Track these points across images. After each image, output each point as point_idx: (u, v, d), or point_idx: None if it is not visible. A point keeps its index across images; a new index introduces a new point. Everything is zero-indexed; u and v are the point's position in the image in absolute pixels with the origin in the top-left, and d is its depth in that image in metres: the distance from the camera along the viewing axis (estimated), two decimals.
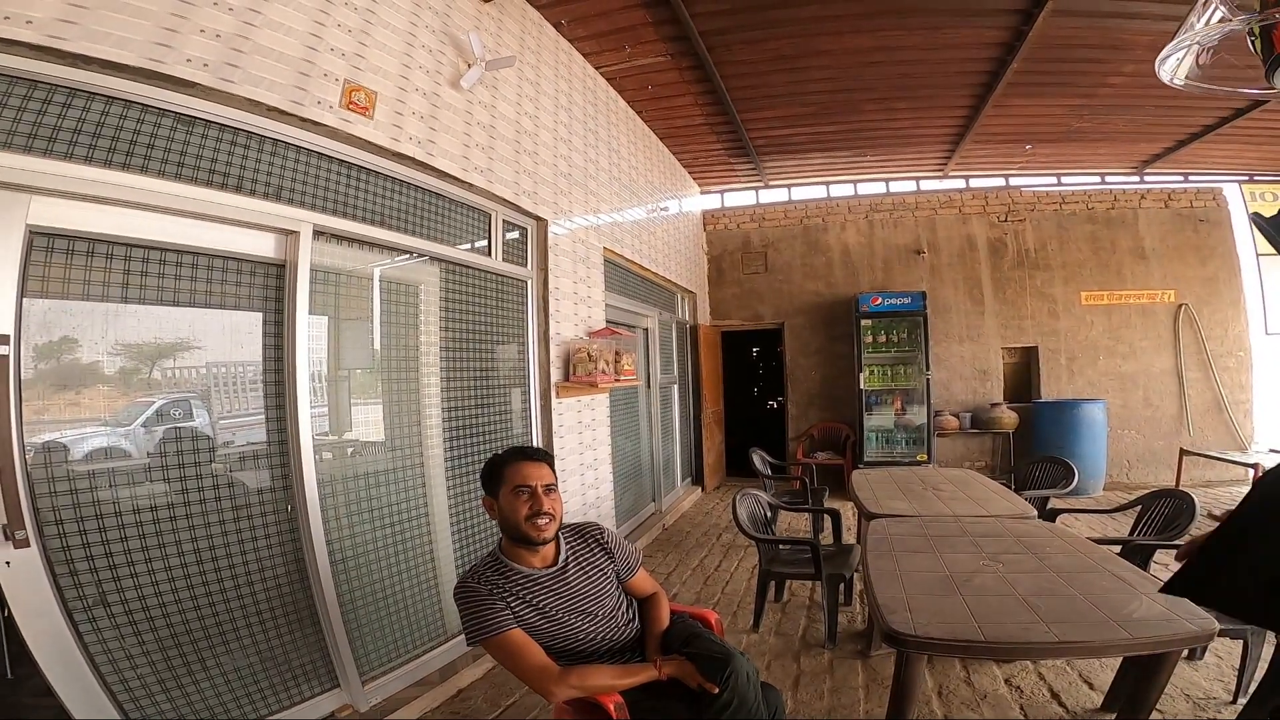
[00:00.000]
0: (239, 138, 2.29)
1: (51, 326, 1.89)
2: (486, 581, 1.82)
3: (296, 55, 2.36)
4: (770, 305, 8.37)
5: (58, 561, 1.85)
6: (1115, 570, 2.16)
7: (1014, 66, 4.91)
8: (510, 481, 1.86)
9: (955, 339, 7.71)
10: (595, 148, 4.99)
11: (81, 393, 1.99)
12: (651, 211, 6.34)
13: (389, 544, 2.90)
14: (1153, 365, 7.26)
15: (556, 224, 4.22)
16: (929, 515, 3.15)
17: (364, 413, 2.97)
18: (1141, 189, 7.54)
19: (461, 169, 3.24)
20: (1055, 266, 7.54)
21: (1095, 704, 2.59)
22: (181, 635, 2.12)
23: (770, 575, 3.55)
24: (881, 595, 2.04)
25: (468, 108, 3.33)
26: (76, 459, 1.95)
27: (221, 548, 2.24)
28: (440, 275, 3.27)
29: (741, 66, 5.11)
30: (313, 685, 2.52)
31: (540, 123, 4.10)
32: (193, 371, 2.29)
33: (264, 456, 2.43)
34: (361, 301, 2.90)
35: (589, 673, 1.76)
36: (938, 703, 2.67)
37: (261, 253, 2.39)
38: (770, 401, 9.91)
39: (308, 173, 2.56)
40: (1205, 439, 7.06)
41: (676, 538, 5.73)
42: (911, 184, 8.15)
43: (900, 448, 7.41)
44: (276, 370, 2.44)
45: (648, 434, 6.29)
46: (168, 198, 2.05)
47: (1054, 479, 4.38)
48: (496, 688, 2.96)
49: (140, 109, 2.00)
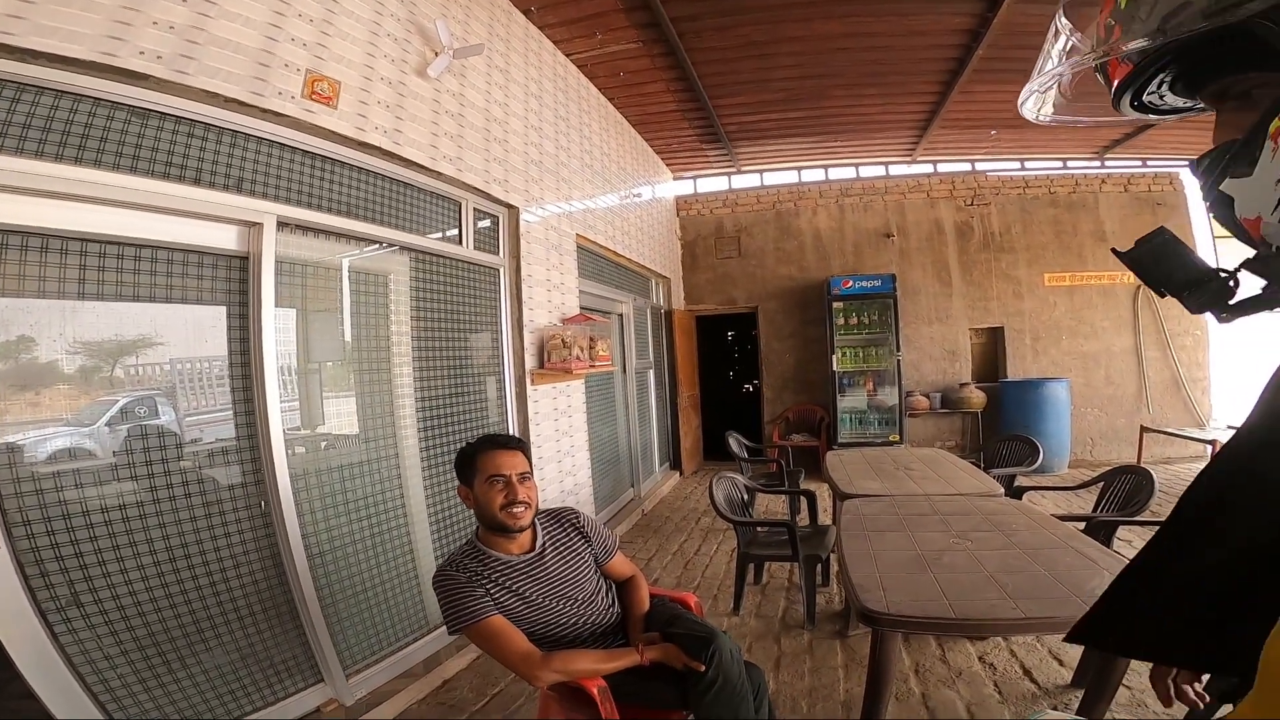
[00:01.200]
0: (197, 130, 2.23)
1: (8, 325, 1.83)
2: (464, 570, 1.82)
3: (255, 46, 2.30)
4: (744, 289, 8.42)
5: (28, 563, 1.81)
6: (1079, 547, 2.22)
7: (979, 53, 4.98)
8: (485, 471, 1.86)
9: (925, 320, 7.83)
10: (567, 135, 4.95)
11: (41, 392, 1.94)
12: (624, 198, 6.32)
13: (366, 536, 2.88)
14: (1114, 345, 7.46)
15: (528, 211, 4.18)
16: (901, 495, 3.22)
17: (336, 405, 2.93)
18: (1102, 173, 7.71)
19: (430, 158, 3.20)
20: (1019, 249, 7.69)
21: (1065, 680, 2.68)
22: (159, 634, 2.10)
23: (749, 558, 3.60)
24: (856, 575, 2.08)
25: (435, 96, 3.27)
26: (40, 460, 1.91)
27: (194, 545, 2.21)
28: (411, 265, 3.23)
29: (712, 53, 5.10)
30: (296, 680, 2.51)
31: (510, 110, 4.05)
32: (156, 368, 2.24)
33: (234, 452, 2.39)
34: (330, 293, 2.85)
35: (572, 657, 1.78)
36: (915, 680, 2.74)
37: (224, 245, 2.33)
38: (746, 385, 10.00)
39: (270, 164, 2.50)
40: (1165, 416, 7.29)
41: (656, 523, 5.77)
42: (881, 169, 8.23)
43: (873, 428, 7.53)
44: (243, 364, 2.40)
45: (624, 420, 6.30)
46: (124, 191, 1.99)
47: (1020, 457, 4.49)
48: (482, 677, 2.97)
49: (93, 102, 1.94)
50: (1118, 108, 0.71)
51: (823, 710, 2.58)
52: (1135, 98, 0.70)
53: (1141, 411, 7.35)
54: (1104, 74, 0.70)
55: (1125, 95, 0.69)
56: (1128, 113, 0.72)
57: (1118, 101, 0.71)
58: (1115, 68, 0.67)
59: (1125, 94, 0.69)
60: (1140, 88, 0.68)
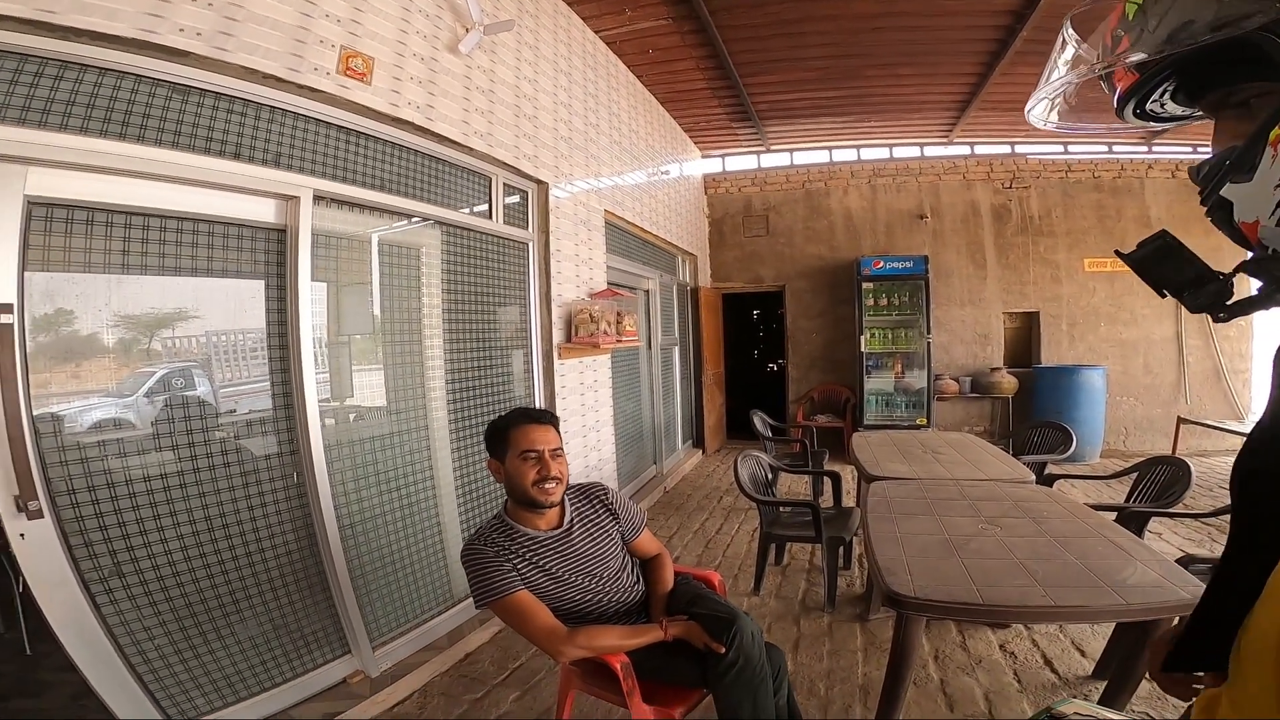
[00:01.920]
0: (236, 105, 2.26)
1: (54, 296, 1.88)
2: (492, 544, 1.83)
3: (291, 22, 2.31)
4: (771, 268, 8.34)
5: (72, 533, 1.87)
6: (1111, 536, 2.19)
7: (1023, 34, 4.81)
8: (517, 446, 1.86)
9: (956, 303, 7.69)
10: (596, 112, 4.91)
11: (85, 364, 1.99)
12: (652, 175, 6.27)
13: (395, 509, 2.93)
14: (1154, 333, 7.26)
15: (557, 187, 4.18)
16: (928, 478, 3.19)
17: (368, 378, 2.97)
18: (1149, 159, 7.43)
19: (461, 133, 3.20)
20: (1059, 233, 7.48)
21: (1087, 671, 2.66)
22: (196, 605, 2.16)
23: (771, 538, 3.60)
24: (881, 557, 2.07)
25: (466, 72, 3.27)
26: (83, 430, 1.96)
27: (231, 515, 2.27)
28: (441, 239, 3.25)
29: (743, 31, 5.00)
30: (324, 652, 2.58)
31: (540, 87, 4.03)
32: (194, 340, 2.29)
33: (269, 423, 2.44)
34: (363, 266, 2.88)
35: (596, 633, 1.79)
36: (934, 666, 2.74)
37: (262, 218, 2.37)
38: (771, 364, 9.94)
39: (306, 138, 2.53)
40: (1203, 407, 7.10)
41: (677, 500, 5.79)
42: (915, 150, 8.03)
43: (900, 411, 7.46)
44: (280, 337, 2.44)
45: (649, 396, 6.32)
46: (166, 165, 2.03)
47: (1052, 444, 4.42)
48: (503, 650, 3.03)
49: (135, 79, 1.97)
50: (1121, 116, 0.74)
51: (840, 693, 2.60)
52: (1138, 106, 0.72)
53: (1179, 402, 7.17)
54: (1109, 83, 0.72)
55: (1129, 104, 0.72)
56: (1131, 121, 0.75)
57: (1121, 110, 0.73)
58: (1120, 77, 0.69)
59: (1129, 103, 0.72)
60: (1144, 97, 0.71)
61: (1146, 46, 0.62)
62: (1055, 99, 0.81)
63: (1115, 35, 0.66)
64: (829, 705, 2.52)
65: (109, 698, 1.92)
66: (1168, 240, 0.72)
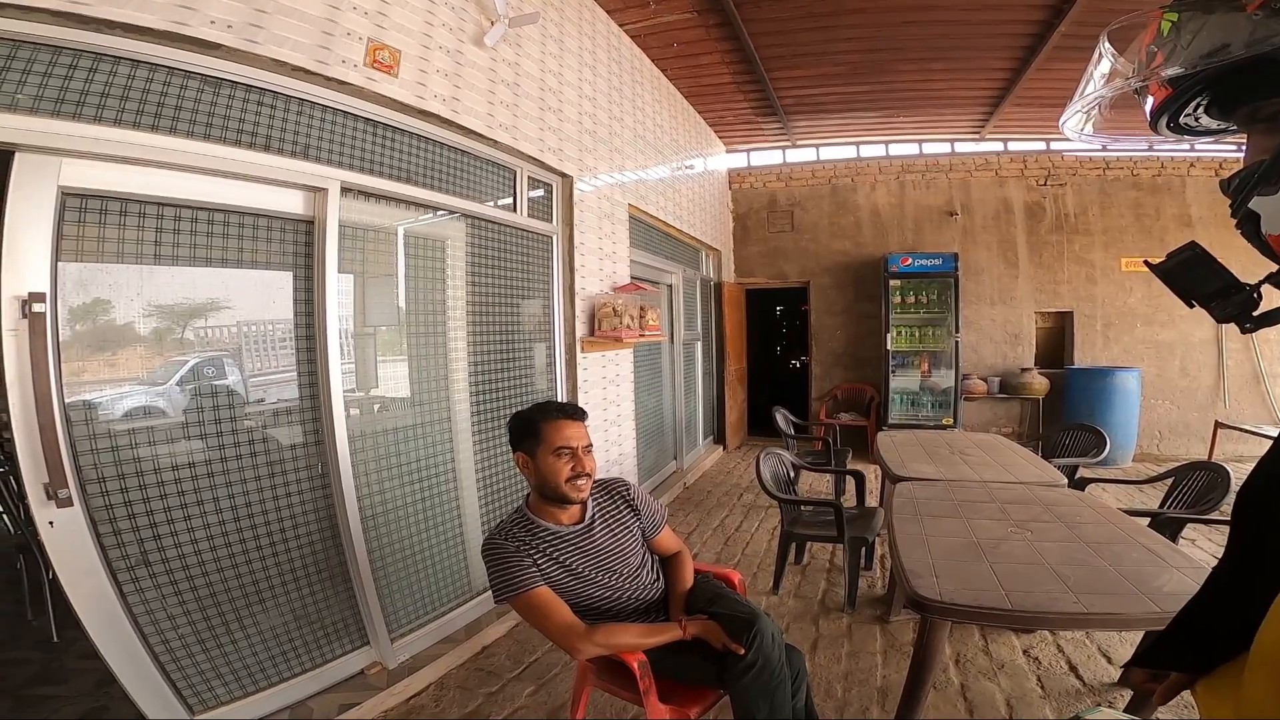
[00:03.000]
0: (265, 97, 2.28)
1: (88, 285, 1.91)
2: (514, 539, 1.83)
3: (319, 15, 2.32)
4: (796, 264, 8.26)
5: (100, 520, 1.89)
6: (1146, 542, 2.12)
7: (1061, 29, 4.68)
8: (551, 442, 1.84)
9: (987, 301, 7.54)
10: (620, 105, 4.89)
11: (118, 353, 2.02)
12: (676, 169, 6.24)
13: (417, 500, 2.95)
14: (1192, 334, 7.04)
15: (582, 180, 4.17)
16: (955, 480, 3.13)
17: (392, 369, 2.99)
18: (1191, 156, 7.18)
19: (486, 126, 3.21)
20: (1095, 232, 7.29)
21: (1113, 678, 2.60)
22: (220, 594, 2.19)
23: (792, 537, 3.56)
24: (907, 559, 2.03)
25: (492, 65, 3.27)
26: (115, 417, 1.98)
27: (257, 504, 2.29)
28: (466, 231, 3.26)
29: (770, 24, 4.93)
30: (344, 643, 2.60)
31: (564, 80, 4.02)
32: (224, 330, 2.32)
33: (295, 413, 2.47)
34: (389, 257, 2.90)
35: (615, 631, 1.77)
36: (955, 670, 2.69)
37: (291, 210, 2.39)
38: (794, 361, 9.86)
39: (334, 131, 2.54)
40: (1241, 412, 6.88)
41: (698, 497, 5.76)
42: (946, 146, 7.87)
43: (925, 411, 7.33)
44: (307, 327, 2.47)
45: (670, 391, 6.30)
46: (196, 157, 2.05)
47: (1084, 447, 4.31)
48: (519, 645, 3.04)
49: (166, 71, 2.00)
50: (1155, 129, 0.74)
51: (858, 695, 2.56)
52: (1171, 120, 0.73)
53: (1216, 405, 6.96)
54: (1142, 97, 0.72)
55: (1162, 118, 0.72)
56: (1165, 134, 0.75)
57: (1155, 124, 0.74)
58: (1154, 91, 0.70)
59: (1163, 117, 0.72)
60: (1177, 111, 0.71)
61: (1180, 61, 0.62)
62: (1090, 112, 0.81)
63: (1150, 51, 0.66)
64: (846, 707, 2.49)
65: (131, 686, 1.94)
66: (1196, 251, 0.74)
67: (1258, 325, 0.70)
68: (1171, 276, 0.75)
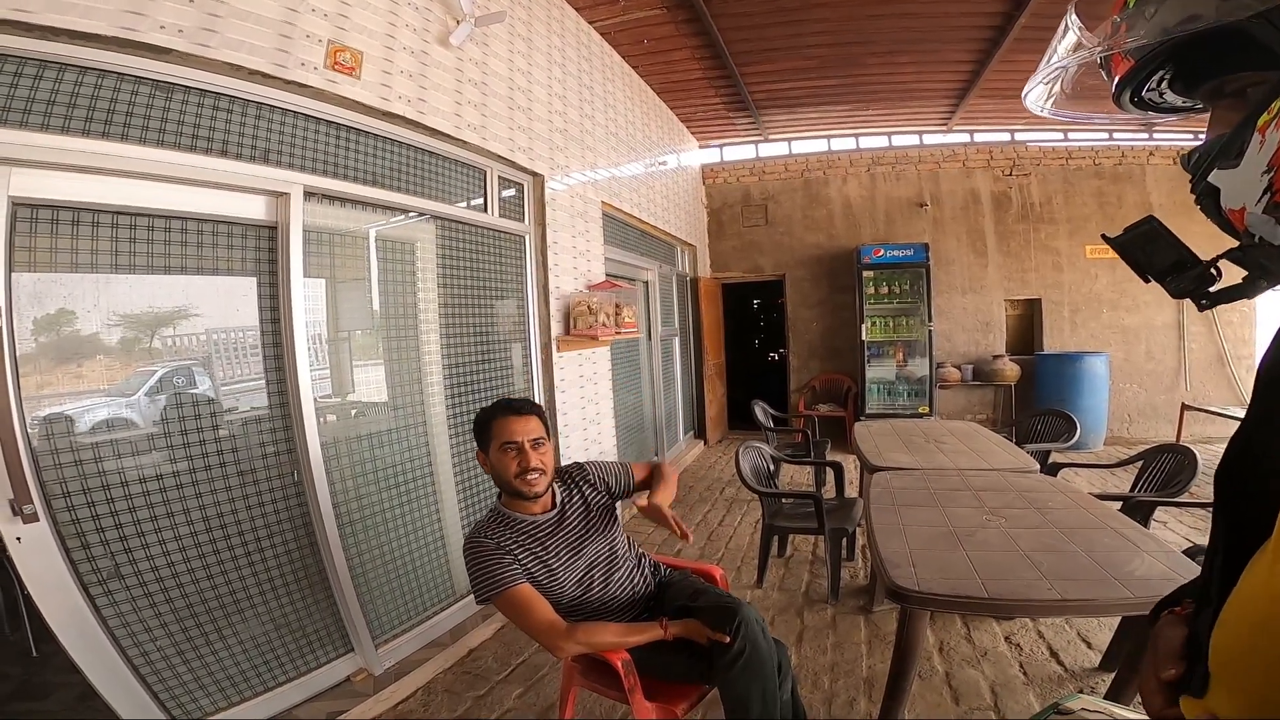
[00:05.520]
0: (221, 102, 2.22)
1: (44, 298, 1.85)
2: (492, 535, 1.83)
3: (276, 17, 2.26)
4: (771, 257, 8.30)
5: (69, 535, 1.85)
6: (1117, 527, 2.16)
7: (1021, 21, 4.75)
8: (498, 437, 1.85)
9: (958, 290, 7.65)
10: (591, 103, 4.86)
11: (83, 364, 1.96)
12: (650, 166, 6.22)
13: (395, 505, 2.92)
14: (1155, 319, 7.21)
15: (553, 179, 4.14)
16: (931, 468, 3.16)
17: (365, 374, 2.95)
18: (1150, 145, 7.35)
19: (454, 126, 3.16)
20: (1060, 220, 7.43)
21: (1093, 663, 2.64)
22: (197, 605, 2.15)
23: (774, 530, 3.58)
24: (885, 550, 2.04)
25: (458, 65, 3.22)
26: (82, 431, 1.94)
27: (230, 515, 2.25)
28: (437, 233, 3.22)
29: (739, 19, 4.94)
30: (328, 650, 2.57)
31: (534, 79, 3.98)
32: (192, 339, 2.26)
33: (266, 420, 2.42)
34: (358, 262, 2.85)
35: (596, 630, 1.77)
36: (939, 659, 2.72)
37: (252, 215, 2.34)
38: (772, 354, 9.91)
39: (295, 135, 2.49)
40: (1207, 394, 7.05)
41: (680, 491, 5.73)
42: (914, 138, 7.95)
43: (902, 400, 7.43)
44: (274, 334, 2.42)
45: (649, 387, 6.30)
46: (152, 164, 2.00)
47: (1056, 432, 4.39)
48: (506, 647, 3.02)
49: (116, 77, 1.93)
50: (1119, 104, 0.74)
51: (845, 686, 2.58)
52: (1135, 94, 0.72)
53: (1180, 387, 7.13)
54: (1107, 70, 0.72)
55: (1125, 91, 0.72)
56: (1129, 109, 0.74)
57: (1119, 97, 0.73)
58: (1118, 63, 0.69)
59: (1125, 90, 0.71)
60: (1140, 84, 0.70)
61: (1143, 32, 0.61)
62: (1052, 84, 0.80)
63: (1114, 22, 0.66)
64: (833, 699, 2.50)
65: (112, 699, 1.91)
66: (1153, 225, 0.73)
67: (1214, 301, 0.68)
68: (1128, 250, 0.74)
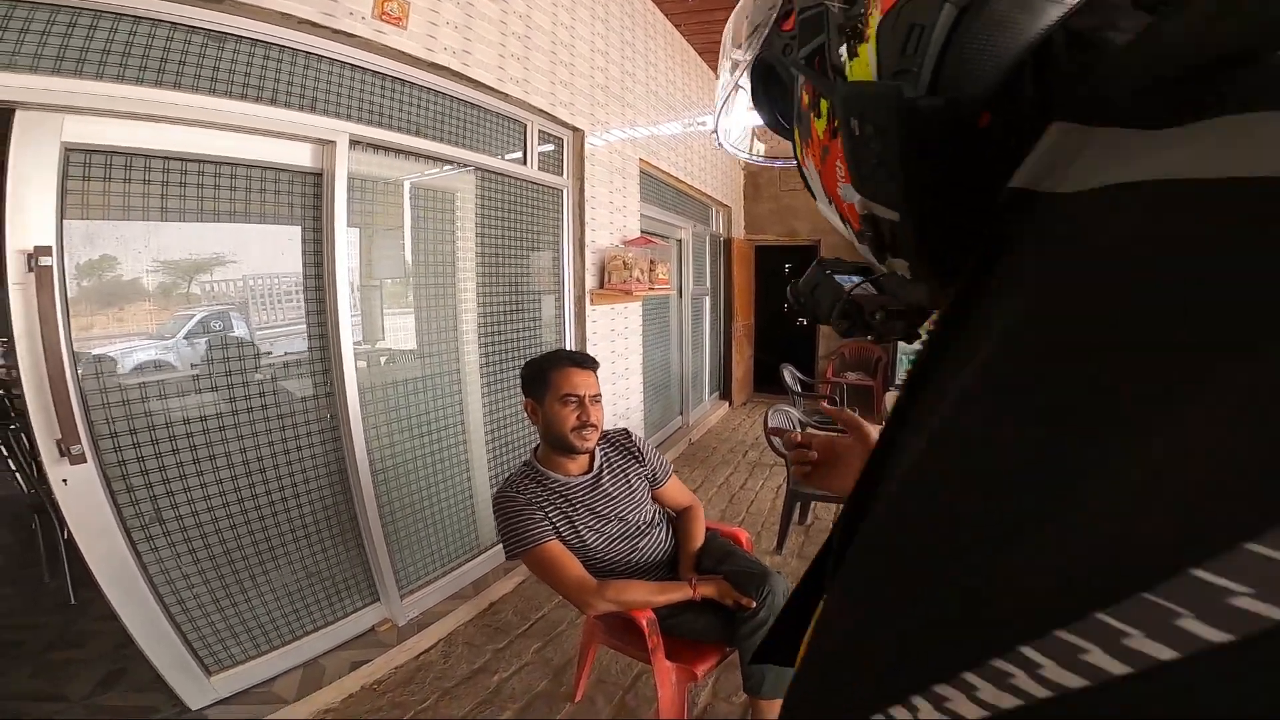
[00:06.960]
0: (272, 51, 2.22)
1: (94, 240, 1.89)
2: (525, 491, 1.83)
3: None
4: (807, 222, 8.14)
5: (114, 477, 1.88)
6: None
7: None
8: (559, 388, 1.84)
9: None
10: (632, 60, 4.76)
11: (125, 308, 1.99)
12: (688, 125, 6.10)
13: (426, 454, 2.97)
14: None
15: (593, 135, 4.10)
16: None
17: (401, 321, 2.97)
18: None
19: (497, 79, 3.13)
20: None
21: None
22: (233, 551, 2.20)
23: (797, 496, 3.59)
24: None
25: (502, 17, 3.17)
26: (124, 372, 1.96)
27: (268, 459, 2.31)
28: (476, 184, 3.22)
29: None
30: (354, 600, 2.64)
31: (576, 34, 3.91)
32: (231, 284, 2.29)
33: (305, 364, 2.46)
34: (398, 210, 2.86)
35: (626, 587, 1.78)
36: None
37: (299, 162, 2.36)
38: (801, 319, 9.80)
39: (342, 84, 2.48)
40: None
41: (703, 453, 5.78)
42: None
43: None
44: (316, 279, 2.45)
45: (678, 345, 6.30)
46: (202, 111, 2.01)
47: None
48: (526, 601, 3.09)
49: (169, 26, 1.94)
50: None
51: None
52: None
53: None
54: None
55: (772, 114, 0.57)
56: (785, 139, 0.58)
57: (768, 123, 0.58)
58: None
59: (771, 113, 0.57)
60: None
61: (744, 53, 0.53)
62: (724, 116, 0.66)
63: None
64: None
65: (148, 647, 1.97)
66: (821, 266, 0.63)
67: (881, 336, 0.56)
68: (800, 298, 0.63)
